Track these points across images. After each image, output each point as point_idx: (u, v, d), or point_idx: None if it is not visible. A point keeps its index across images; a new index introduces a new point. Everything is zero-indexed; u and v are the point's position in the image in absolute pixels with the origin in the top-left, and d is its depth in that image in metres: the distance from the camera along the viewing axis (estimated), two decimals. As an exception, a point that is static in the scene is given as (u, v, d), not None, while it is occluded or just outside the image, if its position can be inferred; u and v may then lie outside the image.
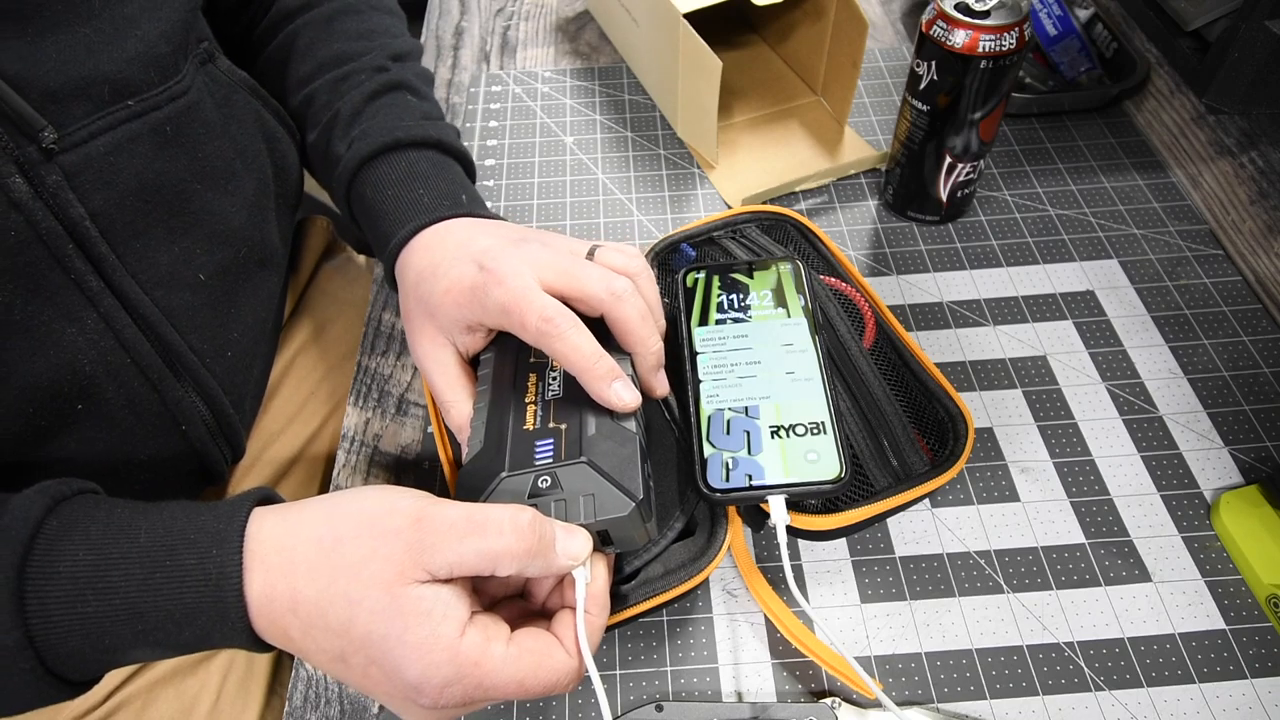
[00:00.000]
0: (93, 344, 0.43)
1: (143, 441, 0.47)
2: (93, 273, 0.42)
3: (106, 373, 0.43)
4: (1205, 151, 0.66)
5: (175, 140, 0.45)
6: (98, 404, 0.44)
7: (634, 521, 0.37)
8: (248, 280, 0.52)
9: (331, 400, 0.64)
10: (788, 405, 0.44)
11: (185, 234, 0.46)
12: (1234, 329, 0.55)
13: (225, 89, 0.50)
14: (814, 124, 0.70)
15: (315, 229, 0.70)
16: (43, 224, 0.39)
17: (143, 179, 0.43)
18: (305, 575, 0.33)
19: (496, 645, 0.33)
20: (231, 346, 0.51)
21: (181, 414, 0.48)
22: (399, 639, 0.32)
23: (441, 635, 0.32)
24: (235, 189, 0.50)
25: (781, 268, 0.51)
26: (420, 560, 0.32)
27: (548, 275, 0.40)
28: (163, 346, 0.46)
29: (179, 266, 0.46)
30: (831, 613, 0.45)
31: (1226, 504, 0.47)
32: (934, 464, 0.45)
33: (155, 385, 0.46)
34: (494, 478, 0.37)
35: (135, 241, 0.44)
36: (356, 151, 0.50)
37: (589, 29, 0.81)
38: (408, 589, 0.32)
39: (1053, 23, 0.71)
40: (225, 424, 0.51)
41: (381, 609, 0.32)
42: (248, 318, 0.52)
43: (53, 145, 0.39)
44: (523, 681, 0.33)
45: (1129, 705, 0.41)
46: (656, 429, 0.47)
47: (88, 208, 0.41)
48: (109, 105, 0.41)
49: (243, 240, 0.51)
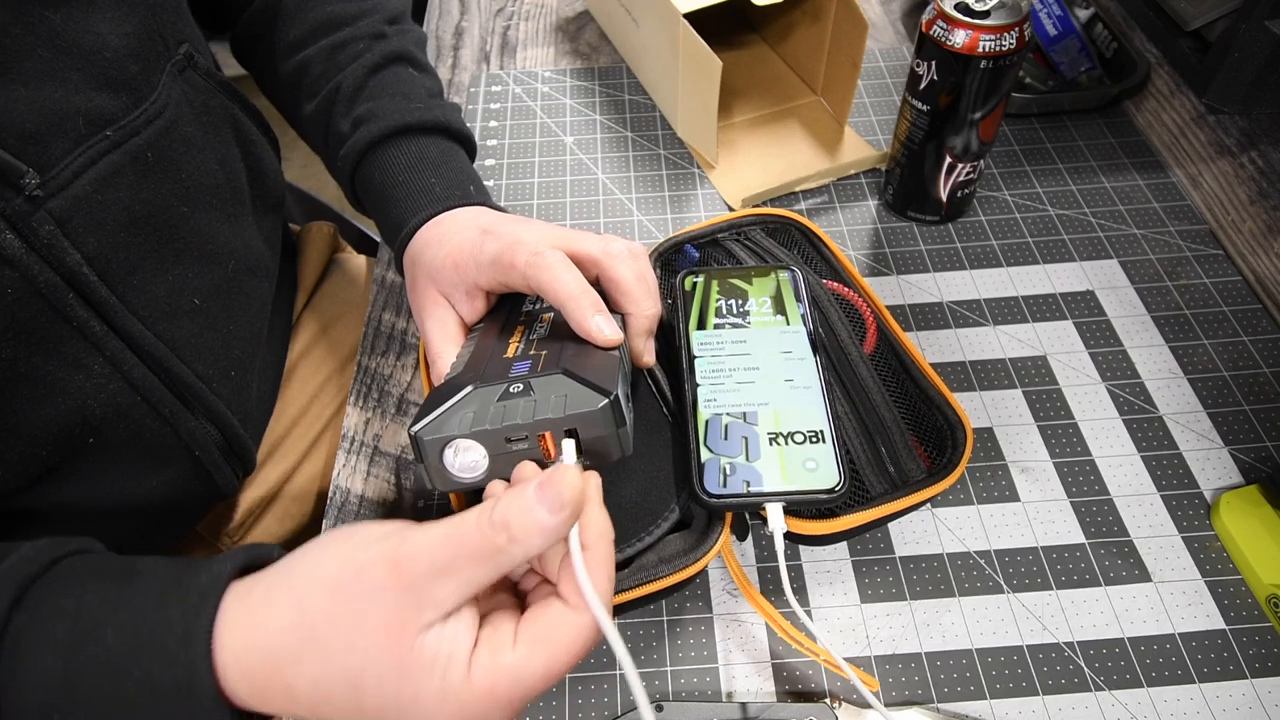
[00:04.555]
0: (100, 388, 0.42)
1: (153, 471, 0.47)
2: (95, 317, 0.41)
3: (116, 413, 0.43)
4: (1205, 151, 0.66)
5: (157, 165, 0.44)
6: (107, 442, 0.43)
7: (606, 419, 0.35)
8: (240, 294, 0.51)
9: (335, 401, 0.64)
10: (786, 412, 0.43)
11: (176, 261, 0.45)
12: (1234, 329, 0.55)
13: (203, 95, 0.49)
14: (814, 124, 0.70)
15: (319, 235, 0.70)
16: (40, 277, 0.38)
17: (131, 212, 0.42)
18: (293, 668, 0.30)
19: (505, 656, 0.30)
20: (234, 365, 0.51)
21: (194, 441, 0.48)
22: (413, 702, 0.29)
23: (451, 684, 0.29)
24: (218, 202, 0.49)
25: (780, 275, 0.50)
26: (418, 611, 0.30)
27: (546, 235, 0.41)
28: (170, 379, 0.45)
29: (175, 294, 0.45)
30: (831, 613, 0.45)
31: (1226, 504, 0.47)
32: (931, 472, 0.45)
33: (166, 419, 0.46)
34: (463, 389, 0.36)
35: (132, 278, 0.43)
36: (365, 134, 0.50)
37: (589, 29, 0.81)
38: (411, 645, 0.29)
39: (1053, 23, 0.71)
40: (236, 444, 0.51)
41: (387, 676, 0.29)
42: (245, 332, 0.52)
43: (37, 192, 0.37)
44: (547, 671, 0.31)
45: (1129, 705, 0.41)
46: (653, 421, 0.47)
47: (83, 253, 0.40)
48: (87, 139, 0.40)
49: (229, 254, 0.50)
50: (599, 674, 0.43)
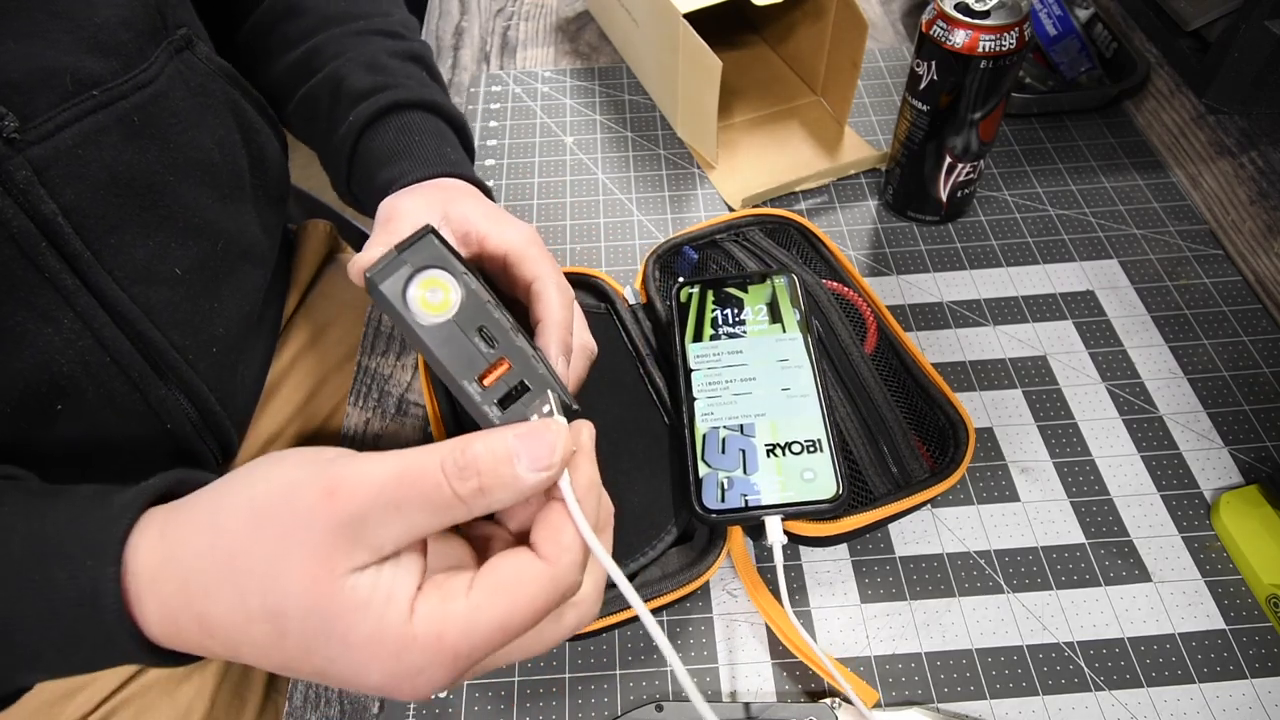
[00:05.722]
0: (70, 344, 0.41)
1: (125, 439, 0.46)
2: (67, 270, 0.41)
3: (85, 372, 0.42)
4: (1205, 151, 0.66)
5: (144, 131, 0.44)
6: (77, 403, 0.43)
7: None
8: (230, 275, 0.51)
9: (331, 402, 0.64)
10: (783, 422, 0.43)
11: (159, 227, 0.45)
12: (1234, 329, 0.55)
13: (201, 77, 0.49)
14: (814, 124, 0.70)
15: (317, 233, 0.70)
16: (14, 222, 0.38)
17: (113, 171, 0.42)
18: (205, 597, 0.27)
19: (457, 602, 0.27)
20: (217, 343, 0.50)
21: (166, 412, 0.47)
22: (342, 643, 0.26)
23: (388, 626, 0.26)
24: (211, 180, 0.49)
25: (777, 281, 0.50)
26: (349, 549, 0.26)
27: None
28: (143, 344, 0.45)
29: (155, 261, 0.45)
30: (831, 613, 0.45)
31: (1226, 504, 0.47)
32: (934, 471, 0.45)
33: (137, 384, 0.45)
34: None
35: (110, 237, 0.42)
36: (393, 96, 0.51)
37: (589, 29, 0.81)
38: (340, 585, 0.26)
39: (1053, 23, 0.71)
40: (212, 421, 0.51)
41: (312, 615, 0.26)
42: (232, 313, 0.52)
43: (15, 134, 0.38)
44: (505, 623, 0.27)
45: (1129, 705, 0.41)
46: (655, 432, 0.47)
47: (59, 203, 0.40)
48: (73, 96, 0.40)
49: (220, 233, 0.50)
50: (599, 674, 0.43)
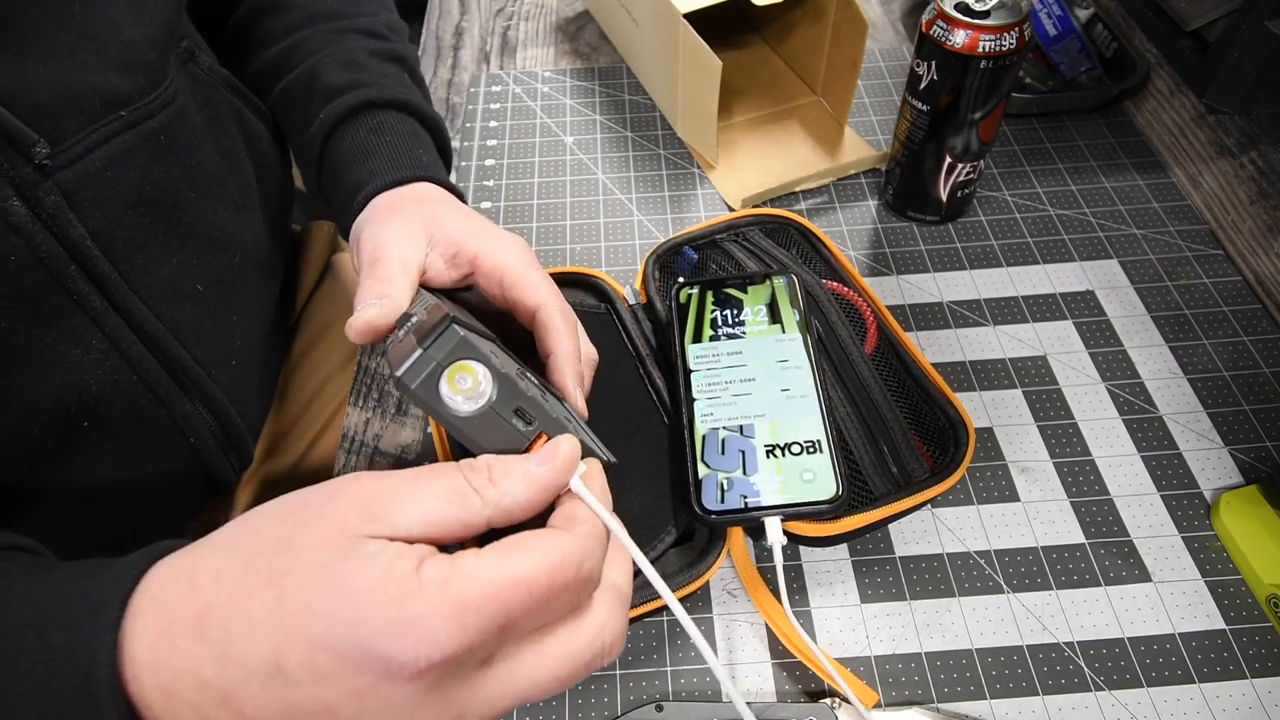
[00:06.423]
0: (98, 364, 0.42)
1: (150, 456, 0.47)
2: (96, 292, 0.41)
3: (113, 391, 0.43)
4: (1205, 151, 0.66)
5: (169, 149, 0.44)
6: (104, 422, 0.43)
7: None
8: (245, 286, 0.52)
9: (334, 402, 0.64)
10: (783, 423, 0.43)
11: (181, 245, 0.46)
12: (1234, 329, 0.55)
13: (206, 89, 0.49)
14: (814, 124, 0.70)
15: (320, 235, 0.70)
16: (43, 247, 0.38)
17: (140, 191, 0.43)
18: (209, 565, 0.27)
19: (464, 558, 0.26)
20: (235, 355, 0.51)
21: (189, 427, 0.48)
22: (343, 589, 0.25)
23: (393, 573, 0.25)
24: (224, 193, 0.49)
25: (776, 282, 0.50)
26: (366, 517, 0.26)
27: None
28: (168, 361, 0.45)
29: (178, 278, 0.46)
30: (831, 613, 0.45)
31: (1226, 504, 0.47)
32: (934, 471, 0.45)
33: (162, 401, 0.46)
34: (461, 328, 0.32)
35: (136, 257, 0.43)
36: (366, 94, 0.50)
37: (589, 29, 0.81)
38: (350, 539, 0.26)
39: (1053, 23, 0.71)
40: (233, 434, 0.51)
41: (317, 569, 0.26)
42: (248, 324, 0.52)
43: (46, 161, 0.38)
44: (516, 578, 0.26)
45: (1129, 705, 0.41)
46: (654, 434, 0.47)
47: (88, 226, 0.40)
48: (101, 117, 0.40)
49: (235, 245, 0.50)
50: (599, 674, 0.43)
